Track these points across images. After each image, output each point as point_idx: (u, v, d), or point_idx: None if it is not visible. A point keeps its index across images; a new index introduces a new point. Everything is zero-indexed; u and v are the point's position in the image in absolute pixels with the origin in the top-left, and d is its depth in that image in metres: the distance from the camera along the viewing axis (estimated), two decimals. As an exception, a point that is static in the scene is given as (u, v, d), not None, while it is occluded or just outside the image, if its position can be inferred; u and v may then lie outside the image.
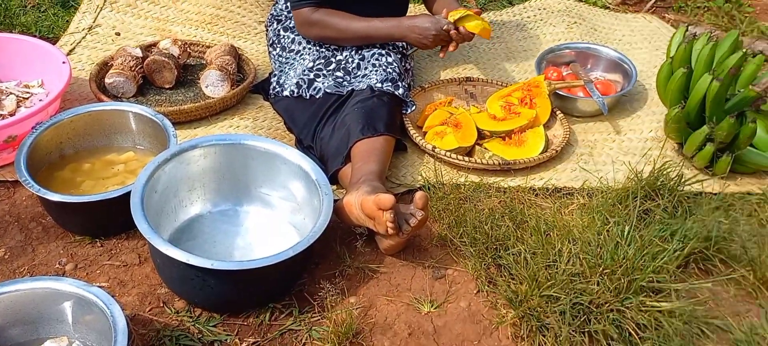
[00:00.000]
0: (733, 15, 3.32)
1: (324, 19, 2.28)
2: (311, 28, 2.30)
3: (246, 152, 1.90)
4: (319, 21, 2.27)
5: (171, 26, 2.85)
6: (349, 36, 2.28)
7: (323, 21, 2.28)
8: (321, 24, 2.27)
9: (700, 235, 1.77)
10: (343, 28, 2.27)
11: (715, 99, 2.05)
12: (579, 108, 2.42)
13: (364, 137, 2.00)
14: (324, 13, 2.28)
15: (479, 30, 2.22)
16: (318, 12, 2.29)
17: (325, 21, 2.27)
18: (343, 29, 2.27)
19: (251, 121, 2.33)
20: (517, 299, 1.65)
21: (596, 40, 2.91)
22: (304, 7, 2.29)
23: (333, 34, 2.30)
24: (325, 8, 2.30)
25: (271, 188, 1.94)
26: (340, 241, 1.89)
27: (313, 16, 2.28)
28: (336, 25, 2.27)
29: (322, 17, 2.28)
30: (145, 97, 2.40)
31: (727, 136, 2.05)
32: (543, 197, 2.06)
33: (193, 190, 1.91)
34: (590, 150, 2.26)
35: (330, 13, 2.28)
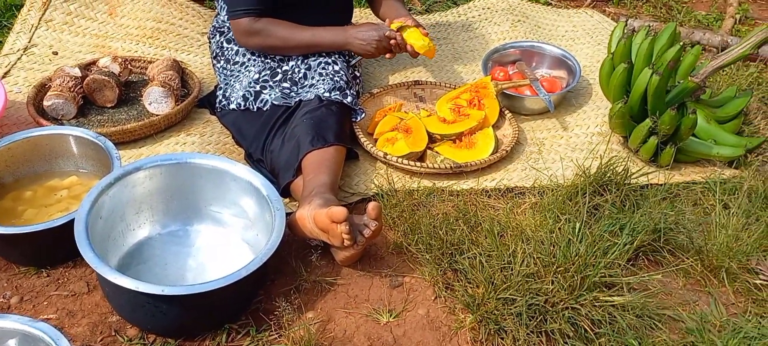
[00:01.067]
0: (671, 6, 3.42)
1: (266, 28, 2.24)
2: (252, 38, 2.26)
3: (193, 171, 1.86)
4: (261, 30, 2.24)
5: (111, 42, 2.77)
6: (293, 45, 2.26)
7: (266, 30, 2.24)
8: (263, 33, 2.24)
9: (647, 227, 1.81)
10: (287, 37, 2.24)
11: (656, 92, 2.10)
12: (526, 106, 2.45)
13: (314, 149, 1.98)
14: (266, 22, 2.25)
15: (424, 51, 2.22)
16: (260, 21, 2.25)
17: (267, 30, 2.24)
18: (286, 39, 2.24)
19: (198, 137, 2.28)
20: (475, 303, 1.66)
21: (540, 37, 2.96)
22: (244, 16, 2.25)
23: (276, 43, 2.27)
24: (267, 17, 2.27)
25: (222, 206, 1.90)
26: (295, 255, 1.86)
27: (255, 25, 2.24)
28: (279, 35, 2.24)
29: (264, 26, 2.24)
30: (86, 118, 2.33)
31: (670, 128, 2.10)
32: (495, 197, 2.08)
33: (141, 212, 1.86)
34: (539, 148, 2.29)
35: (272, 23, 2.25)
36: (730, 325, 1.66)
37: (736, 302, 1.76)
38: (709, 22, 3.28)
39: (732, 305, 1.75)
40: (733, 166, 2.20)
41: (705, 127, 2.23)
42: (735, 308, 1.74)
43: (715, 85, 2.57)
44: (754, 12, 3.38)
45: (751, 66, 2.77)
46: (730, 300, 1.76)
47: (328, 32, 2.26)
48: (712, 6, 3.44)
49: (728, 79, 2.66)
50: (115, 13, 2.88)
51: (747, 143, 2.21)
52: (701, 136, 2.23)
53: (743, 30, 3.18)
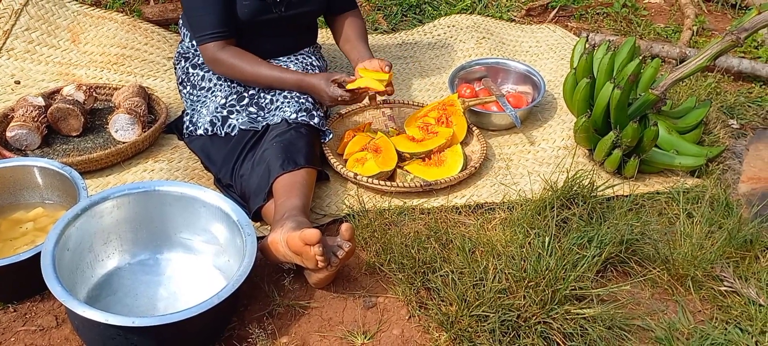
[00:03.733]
0: (631, 19, 3.50)
1: (229, 60, 2.25)
2: (217, 65, 2.28)
3: (162, 199, 1.85)
4: (224, 62, 2.25)
5: (74, 70, 2.73)
6: (254, 83, 2.28)
7: (228, 63, 2.25)
8: (226, 65, 2.25)
9: (614, 239, 1.85)
10: (250, 73, 2.25)
11: (618, 106, 2.15)
12: (493, 122, 2.49)
13: (284, 172, 1.98)
14: (230, 53, 2.25)
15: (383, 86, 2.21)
16: (224, 50, 2.26)
17: (230, 63, 2.25)
18: (248, 74, 2.26)
19: (166, 163, 2.26)
20: (449, 322, 1.67)
21: (505, 53, 3.00)
22: (210, 42, 2.26)
23: (238, 77, 2.29)
24: (232, 45, 2.27)
25: (192, 233, 1.89)
26: (267, 279, 1.86)
27: (219, 54, 2.25)
28: (241, 70, 2.25)
29: (227, 59, 2.25)
30: (51, 147, 2.29)
31: (632, 141, 2.15)
32: (466, 214, 2.10)
33: (109, 242, 1.84)
34: (507, 163, 2.32)
35: (236, 55, 2.25)
36: (698, 332, 1.69)
37: (702, 310, 1.80)
38: (667, 34, 3.37)
39: (699, 312, 1.79)
40: (695, 175, 2.26)
41: (667, 138, 2.29)
42: (702, 315, 1.78)
43: (675, 96, 2.64)
44: (711, 23, 3.48)
45: (709, 76, 2.85)
46: (696, 308, 1.80)
47: (291, 76, 2.25)
48: (670, 19, 3.53)
49: (688, 89, 2.73)
50: (78, 40, 2.85)
51: (708, 153, 2.27)
52: (664, 146, 2.28)
53: (700, 41, 3.27)
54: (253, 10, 2.28)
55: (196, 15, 2.28)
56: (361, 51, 2.43)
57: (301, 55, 2.48)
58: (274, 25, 2.35)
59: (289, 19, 2.36)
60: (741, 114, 2.67)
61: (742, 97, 2.76)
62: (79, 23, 2.91)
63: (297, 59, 2.45)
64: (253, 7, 2.28)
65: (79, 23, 2.91)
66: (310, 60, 2.46)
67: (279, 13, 2.32)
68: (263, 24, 2.33)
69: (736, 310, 1.74)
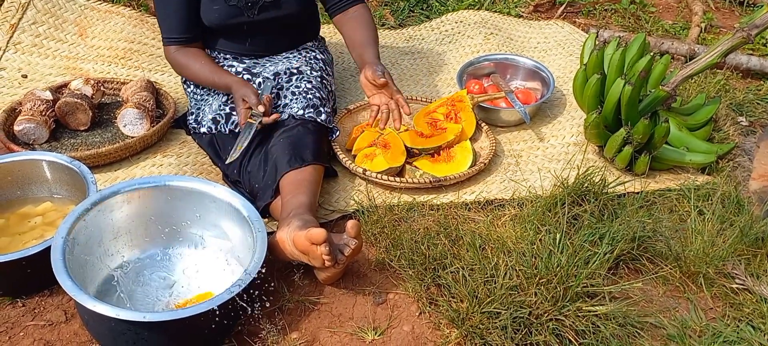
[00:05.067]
0: (639, 15, 3.48)
1: (180, 62, 2.27)
2: (174, 67, 2.32)
3: (172, 193, 1.84)
4: (176, 64, 2.29)
5: (82, 64, 2.73)
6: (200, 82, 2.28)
7: (179, 65, 2.28)
8: (182, 66, 2.28)
9: (626, 236, 1.84)
10: (194, 73, 2.26)
11: (629, 102, 2.14)
12: (502, 119, 2.47)
13: (291, 169, 1.97)
14: (181, 54, 2.26)
15: None
16: (180, 52, 2.26)
17: (184, 65, 2.27)
18: (200, 79, 2.26)
19: (175, 158, 2.25)
20: (460, 318, 1.66)
21: (513, 49, 2.99)
22: (170, 45, 2.27)
23: (192, 80, 2.30)
24: (189, 47, 2.27)
25: (203, 228, 1.88)
26: (277, 275, 1.85)
27: (175, 55, 2.28)
28: (194, 73, 2.26)
29: (178, 60, 2.27)
30: (59, 142, 2.29)
31: (643, 137, 2.13)
32: (475, 210, 2.09)
33: (119, 237, 1.83)
34: (517, 160, 2.31)
35: (186, 55, 2.26)
36: (710, 330, 1.69)
37: (714, 307, 1.79)
38: (675, 31, 3.35)
39: (710, 309, 1.78)
40: (705, 172, 2.25)
41: (677, 135, 2.28)
42: (713, 312, 1.77)
43: (685, 93, 2.63)
44: (718, 20, 3.46)
45: (719, 73, 2.83)
46: (708, 305, 1.79)
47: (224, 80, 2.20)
48: (678, 15, 3.51)
49: (697, 86, 2.71)
50: (86, 34, 2.84)
51: (718, 150, 2.26)
52: (674, 143, 2.27)
53: (709, 38, 3.26)
54: (223, 16, 2.25)
55: (160, 18, 2.29)
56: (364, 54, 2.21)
57: (304, 49, 2.46)
58: (249, 28, 2.31)
59: (264, 22, 2.30)
60: (750, 111, 2.65)
61: (750, 95, 2.75)
62: (86, 17, 2.90)
63: (300, 53, 2.43)
64: (223, 13, 2.25)
65: (86, 17, 2.90)
66: (313, 53, 2.44)
67: (250, 18, 2.28)
68: (237, 28, 2.29)
69: (748, 308, 1.73)
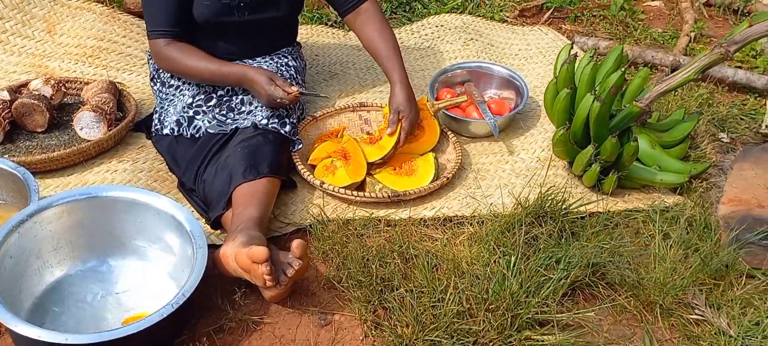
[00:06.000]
0: (627, 23, 3.39)
1: (172, 56, 2.16)
2: (161, 62, 2.20)
3: (114, 205, 1.79)
4: (167, 57, 2.17)
5: (48, 62, 2.68)
6: (196, 76, 2.19)
7: (173, 58, 2.16)
8: (171, 60, 2.17)
9: (582, 261, 1.77)
10: (189, 66, 2.16)
11: (598, 119, 2.06)
12: (472, 130, 2.40)
13: (245, 180, 1.91)
14: (174, 49, 2.16)
15: None
16: (170, 46, 2.17)
17: (174, 58, 2.16)
18: (188, 69, 2.16)
19: (130, 163, 2.20)
20: (402, 344, 1.60)
21: (492, 56, 2.91)
22: (158, 38, 2.18)
23: (183, 72, 2.19)
24: (180, 42, 2.18)
25: (146, 240, 1.83)
26: (221, 291, 1.79)
27: (163, 50, 2.17)
28: (184, 65, 2.15)
29: (170, 54, 2.16)
30: (14, 143, 2.23)
31: (611, 156, 2.06)
32: (434, 227, 2.02)
33: (59, 249, 1.78)
34: (483, 174, 2.24)
35: (182, 50, 2.16)
36: (664, 363, 1.62)
37: (671, 338, 1.72)
38: (664, 40, 3.26)
39: (667, 341, 1.71)
40: (677, 192, 2.17)
41: (649, 153, 2.20)
42: (669, 343, 1.70)
43: (664, 107, 2.54)
44: (710, 29, 3.36)
45: (702, 86, 2.75)
46: (664, 336, 1.72)
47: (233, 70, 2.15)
48: (669, 23, 3.42)
49: (679, 100, 2.63)
50: (54, 31, 2.79)
51: (691, 169, 2.18)
52: (646, 161, 2.20)
53: (698, 48, 3.16)
54: (214, 12, 2.18)
55: (148, 9, 2.20)
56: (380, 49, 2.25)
57: (276, 56, 2.40)
58: (237, 28, 2.25)
59: (252, 23, 2.25)
60: (732, 127, 2.56)
61: (735, 110, 2.66)
62: (56, 13, 2.85)
63: (272, 59, 2.37)
64: (214, 9, 2.18)
65: (55, 13, 2.85)
66: (285, 60, 2.39)
67: (240, 18, 2.22)
68: (225, 26, 2.23)
69: (705, 340, 1.66)
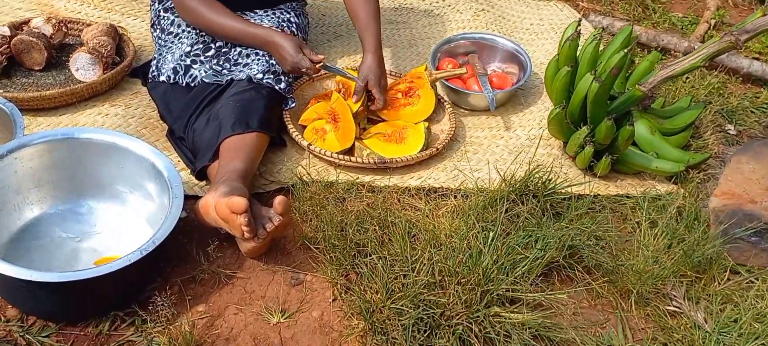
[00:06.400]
0: (647, 4, 3.29)
1: (197, 8, 2.14)
2: (185, 13, 2.17)
3: (95, 147, 1.79)
4: (192, 8, 2.14)
5: (54, 1, 2.67)
6: (218, 32, 2.16)
7: (196, 10, 2.14)
8: (194, 12, 2.14)
9: (561, 243, 1.73)
10: (213, 21, 2.14)
11: (595, 100, 2.01)
12: (470, 102, 2.36)
13: (234, 133, 1.90)
14: (199, 1, 2.14)
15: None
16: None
17: (197, 10, 2.14)
18: (211, 23, 2.14)
19: (123, 108, 2.20)
20: (368, 310, 1.59)
21: (503, 28, 2.85)
22: None
23: (203, 26, 2.17)
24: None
25: (127, 185, 1.84)
26: (197, 242, 1.79)
27: (188, 2, 2.15)
28: (208, 19, 2.14)
29: (196, 5, 2.14)
30: (10, 79, 2.25)
31: (606, 139, 2.01)
32: (418, 197, 2.00)
33: (41, 186, 1.79)
34: (475, 148, 2.20)
35: (206, 3, 2.14)
36: (632, 352, 1.59)
37: (645, 328, 1.68)
38: (683, 26, 3.16)
39: (641, 329, 1.68)
40: (672, 181, 2.11)
41: (648, 139, 2.14)
42: (642, 334, 1.67)
43: (671, 94, 2.47)
44: (733, 17, 3.25)
45: (714, 75, 2.66)
46: (638, 325, 1.68)
47: (255, 30, 2.14)
48: (690, 8, 3.31)
49: (689, 87, 2.55)
50: (63, -30, 2.78)
51: (689, 159, 2.12)
52: (644, 147, 2.14)
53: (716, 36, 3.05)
54: None
55: None
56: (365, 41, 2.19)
57: (278, 10, 2.37)
58: None
59: None
60: (741, 120, 2.49)
61: (746, 102, 2.57)
62: (66, -47, 2.83)
63: (274, 14, 2.34)
64: None
65: (65, -47, 2.83)
66: (288, 16, 2.36)
67: None
68: None
69: (678, 333, 1.63)
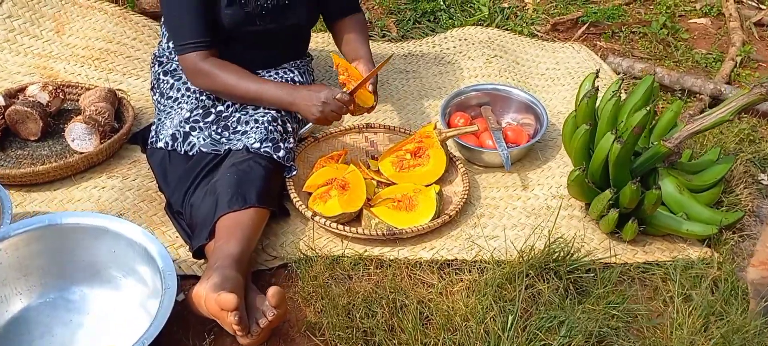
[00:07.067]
0: (669, 42, 3.15)
1: (213, 71, 2.04)
2: (199, 78, 2.08)
3: (83, 232, 1.70)
4: (208, 72, 2.05)
5: (54, 63, 2.60)
6: (238, 95, 2.07)
7: (212, 74, 2.05)
8: (210, 76, 2.05)
9: (587, 329, 1.59)
10: (232, 85, 2.04)
11: (618, 162, 1.87)
12: (484, 159, 2.23)
13: (230, 210, 1.80)
14: (214, 63, 2.05)
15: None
16: (207, 60, 2.05)
17: (214, 74, 2.04)
18: (231, 87, 2.05)
19: (120, 180, 2.10)
20: (378, 411, 1.46)
21: (517, 74, 2.73)
22: (191, 52, 2.05)
23: (220, 90, 2.08)
24: (214, 57, 2.07)
25: (120, 270, 1.73)
26: (194, 332, 1.68)
27: (201, 64, 2.05)
28: (225, 82, 2.04)
29: (211, 69, 2.04)
30: (5, 152, 2.17)
31: (630, 203, 1.87)
32: (431, 271, 1.87)
33: (29, 275, 1.69)
34: (491, 211, 2.07)
35: (221, 66, 2.05)
36: None
37: (682, 422, 1.53)
38: (708, 63, 3.01)
39: None
40: (705, 243, 1.96)
41: (676, 199, 1.99)
42: None
43: (699, 142, 2.32)
44: (760, 52, 3.10)
45: (743, 120, 2.51)
46: (675, 420, 1.53)
47: (276, 88, 2.06)
48: (714, 44, 3.17)
49: (717, 133, 2.40)
50: (63, 31, 2.72)
51: (722, 220, 1.96)
52: (672, 207, 1.99)
53: (743, 74, 2.91)
54: (235, 21, 2.08)
55: (176, 22, 2.09)
56: (359, 51, 2.25)
57: (283, 69, 2.28)
58: (256, 36, 2.15)
59: (268, 33, 2.16)
60: (775, 168, 2.33)
61: (779, 148, 2.42)
62: (66, 12, 2.78)
63: (277, 74, 2.25)
64: (235, 18, 2.08)
65: (65, 12, 2.77)
66: (291, 76, 2.26)
67: (261, 27, 2.12)
68: (245, 35, 2.14)
69: None
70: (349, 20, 2.34)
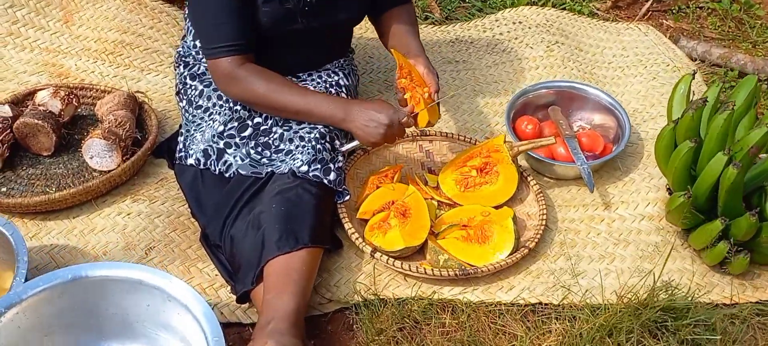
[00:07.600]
0: (741, 19, 2.84)
1: (250, 78, 1.74)
2: (232, 85, 1.77)
3: (115, 286, 1.44)
4: (244, 79, 1.75)
5: (63, 60, 2.32)
6: (279, 108, 1.77)
7: (248, 81, 1.74)
8: (247, 85, 1.75)
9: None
10: (274, 98, 1.75)
11: (732, 189, 1.60)
12: (556, 172, 1.96)
13: (280, 253, 1.54)
14: (251, 70, 1.75)
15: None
16: (244, 67, 1.75)
17: (250, 82, 1.74)
18: (273, 99, 1.75)
19: (147, 204, 1.84)
20: None
21: (582, 64, 2.43)
22: (224, 56, 1.76)
23: (259, 102, 1.78)
24: (251, 62, 1.78)
25: (157, 327, 1.48)
26: (246, 399, 1.44)
27: (237, 71, 1.75)
28: (265, 93, 1.74)
29: (248, 75, 1.74)
30: (14, 171, 1.90)
31: (746, 236, 1.61)
32: (512, 315, 1.61)
33: (51, 334, 1.44)
34: (572, 238, 1.81)
35: (259, 73, 1.75)
36: None
37: None
38: (789, 45, 2.71)
39: None
40: (824, 276, 1.71)
41: (789, 224, 1.73)
42: None
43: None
44: None
45: None
46: None
47: (326, 103, 1.76)
48: (793, 22, 2.85)
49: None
50: (72, 21, 2.42)
51: None
52: (784, 233, 1.73)
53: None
54: (274, 19, 1.78)
55: (207, 21, 1.77)
56: (410, 46, 1.93)
57: (325, 72, 1.99)
58: (293, 39, 1.87)
59: (312, 31, 1.87)
60: None
61: None
62: (74, 0, 2.47)
63: (319, 77, 1.97)
64: (274, 15, 1.78)
65: (74, 0, 2.47)
66: (336, 78, 1.98)
67: (304, 25, 1.83)
68: (284, 35, 1.85)
69: None
70: (399, 10, 2.02)
